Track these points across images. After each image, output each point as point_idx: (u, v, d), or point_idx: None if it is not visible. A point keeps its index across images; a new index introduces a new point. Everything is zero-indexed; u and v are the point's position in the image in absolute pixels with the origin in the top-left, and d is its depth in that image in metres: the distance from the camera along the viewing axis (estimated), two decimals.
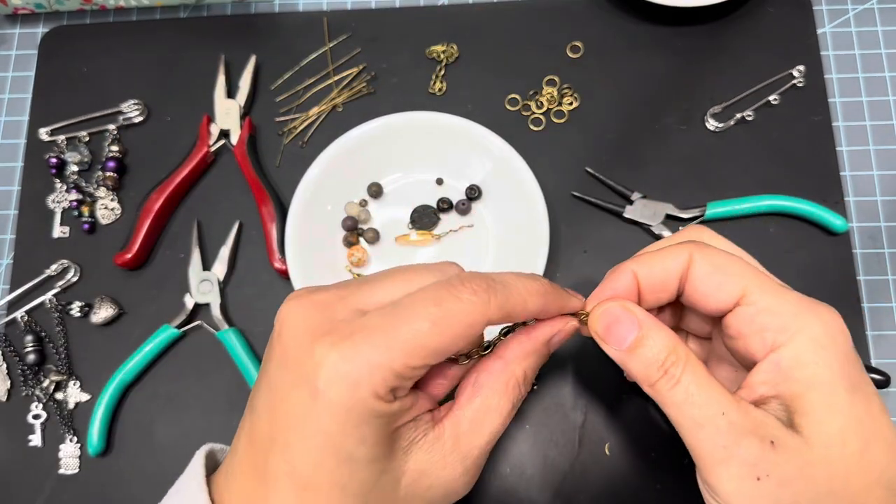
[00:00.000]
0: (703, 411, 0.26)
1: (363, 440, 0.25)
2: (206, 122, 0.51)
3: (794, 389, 0.26)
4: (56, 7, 0.55)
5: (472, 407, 0.28)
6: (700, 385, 0.26)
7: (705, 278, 0.28)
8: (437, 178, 0.50)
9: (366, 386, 0.24)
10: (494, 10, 0.54)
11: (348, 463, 0.25)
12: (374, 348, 0.25)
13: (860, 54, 0.53)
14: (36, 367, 0.48)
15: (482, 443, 0.28)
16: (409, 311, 0.25)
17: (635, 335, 0.28)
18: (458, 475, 0.27)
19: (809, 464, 0.25)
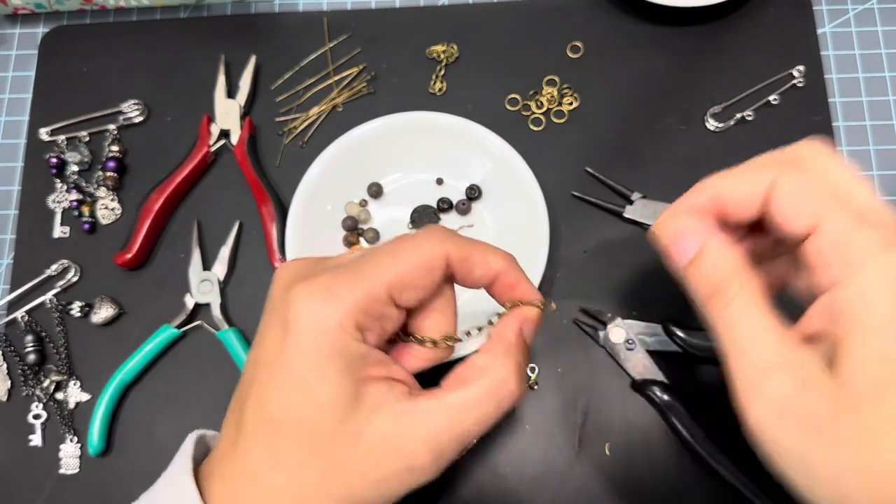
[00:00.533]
0: (746, 340, 0.26)
1: (326, 378, 0.26)
2: (206, 122, 0.51)
3: (841, 331, 0.25)
4: (56, 7, 0.55)
5: (453, 395, 0.27)
6: (750, 313, 0.26)
7: (784, 201, 0.27)
8: (437, 178, 0.50)
9: (331, 317, 0.26)
10: (494, 10, 0.54)
11: (312, 402, 0.26)
12: (340, 283, 0.26)
13: (860, 54, 0.53)
14: (36, 367, 0.48)
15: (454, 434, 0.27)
16: (374, 252, 0.28)
17: (698, 247, 0.28)
18: (423, 454, 0.27)
19: (837, 410, 0.24)
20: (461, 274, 0.29)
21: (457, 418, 0.27)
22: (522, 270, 0.30)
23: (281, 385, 0.26)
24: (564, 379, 0.46)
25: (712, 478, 0.43)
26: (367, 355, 0.27)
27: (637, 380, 0.45)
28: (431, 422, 0.27)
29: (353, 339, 0.26)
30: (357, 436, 0.26)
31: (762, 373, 0.25)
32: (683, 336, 0.44)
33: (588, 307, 0.47)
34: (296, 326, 0.26)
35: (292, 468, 0.26)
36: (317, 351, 0.26)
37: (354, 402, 0.26)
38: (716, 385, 0.45)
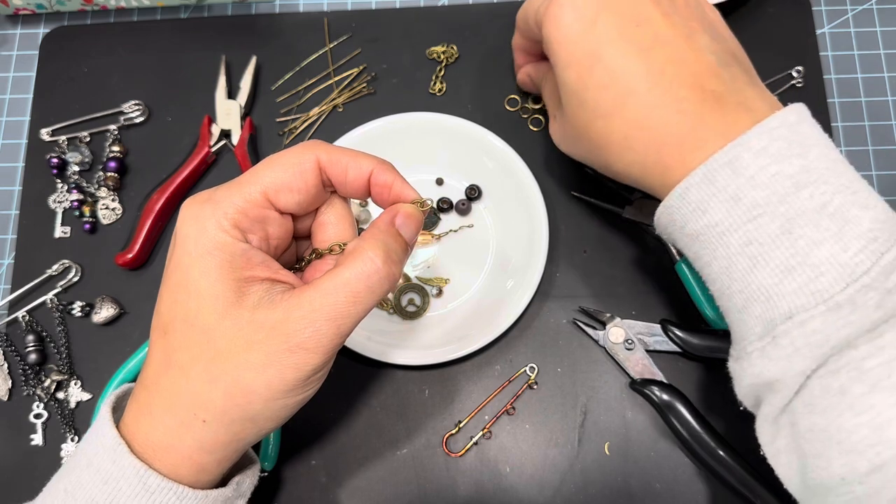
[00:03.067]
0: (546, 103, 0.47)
1: (206, 272, 0.28)
2: (206, 122, 0.51)
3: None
4: (57, 7, 0.55)
5: (327, 281, 0.29)
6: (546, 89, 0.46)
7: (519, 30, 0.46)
8: (437, 178, 0.50)
9: (209, 218, 0.29)
10: (494, 10, 0.54)
11: (195, 296, 0.28)
12: (218, 191, 0.30)
13: (859, 55, 0.53)
14: (37, 367, 0.48)
15: (331, 314, 0.28)
16: (254, 167, 0.31)
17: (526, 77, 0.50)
18: (305, 332, 0.28)
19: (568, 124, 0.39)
20: (336, 178, 0.32)
21: (331, 299, 0.28)
22: (398, 173, 0.33)
23: (170, 288, 0.29)
24: (564, 378, 0.46)
25: (711, 477, 0.43)
26: (248, 254, 0.29)
27: (636, 379, 0.45)
28: (308, 305, 0.28)
29: (232, 237, 0.29)
30: (239, 326, 0.28)
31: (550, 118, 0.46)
32: (682, 336, 0.44)
33: (587, 307, 0.47)
34: (181, 234, 0.29)
35: (182, 364, 0.29)
36: (196, 249, 0.28)
37: (236, 296, 0.28)
38: (715, 385, 0.45)
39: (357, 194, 0.33)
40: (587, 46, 0.35)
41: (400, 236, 0.32)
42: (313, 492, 0.44)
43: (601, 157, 0.37)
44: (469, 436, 0.45)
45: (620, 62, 0.34)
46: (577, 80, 0.36)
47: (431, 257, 0.49)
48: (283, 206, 0.31)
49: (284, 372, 0.28)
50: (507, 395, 0.46)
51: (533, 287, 0.45)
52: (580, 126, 0.37)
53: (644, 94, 0.34)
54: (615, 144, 0.36)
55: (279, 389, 0.29)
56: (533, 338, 0.47)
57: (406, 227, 0.33)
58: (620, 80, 0.34)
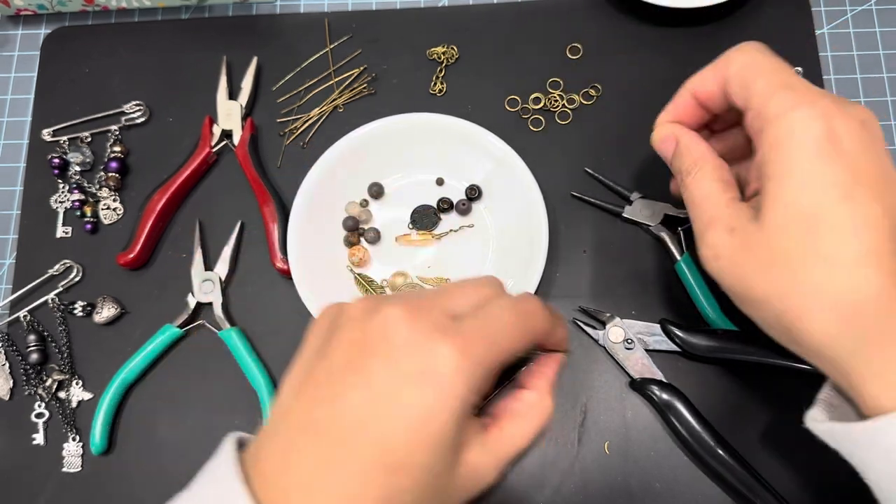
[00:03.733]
0: (700, 202, 0.35)
1: (453, 430, 0.27)
2: (207, 122, 0.51)
3: (761, 182, 0.32)
4: (58, 8, 0.55)
5: (511, 425, 0.31)
6: (706, 182, 0.35)
7: (734, 76, 0.34)
8: (437, 179, 0.50)
9: (474, 384, 0.27)
10: (494, 11, 0.55)
11: (434, 450, 0.27)
12: (480, 348, 0.27)
13: (858, 55, 0.53)
14: (39, 367, 0.48)
15: (513, 455, 0.30)
16: (501, 318, 0.29)
17: (674, 146, 0.38)
18: (493, 476, 0.30)
19: (754, 244, 0.31)
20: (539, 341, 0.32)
21: (516, 446, 0.30)
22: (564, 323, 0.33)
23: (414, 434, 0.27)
24: (564, 378, 0.46)
25: (711, 476, 0.43)
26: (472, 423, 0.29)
27: (636, 379, 0.45)
28: (500, 450, 0.30)
29: (475, 399, 0.28)
30: (457, 472, 0.28)
31: (705, 225, 0.34)
32: (682, 335, 0.44)
33: (587, 307, 0.47)
34: (440, 383, 0.26)
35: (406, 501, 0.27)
36: (452, 408, 0.27)
37: (460, 448, 0.28)
38: (714, 384, 0.46)
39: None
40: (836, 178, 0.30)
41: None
42: None
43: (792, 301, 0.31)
44: None
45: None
46: (811, 210, 0.30)
47: (431, 257, 0.49)
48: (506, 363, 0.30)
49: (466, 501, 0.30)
50: None
51: (533, 287, 0.45)
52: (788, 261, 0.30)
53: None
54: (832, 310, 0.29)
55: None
56: None
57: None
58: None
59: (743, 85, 0.34)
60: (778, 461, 0.44)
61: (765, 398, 0.45)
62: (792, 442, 0.44)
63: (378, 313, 0.28)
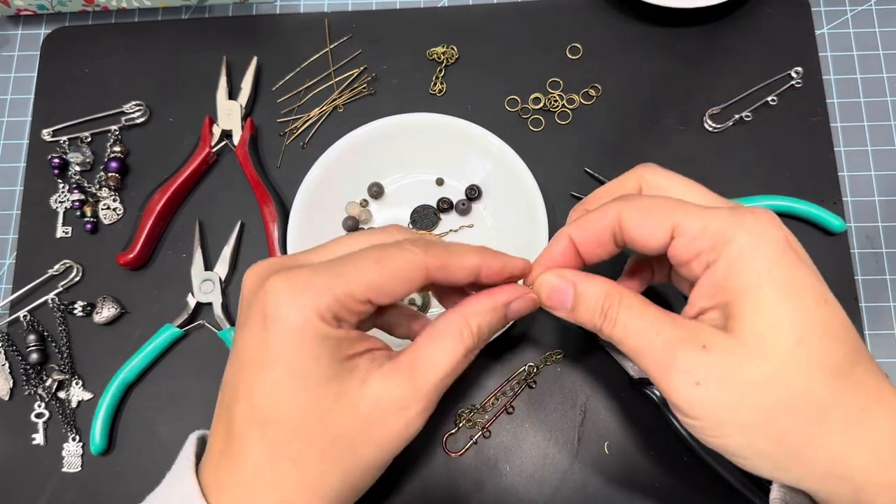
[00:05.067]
0: (640, 338, 0.29)
1: (316, 359, 0.27)
2: (207, 122, 0.51)
3: (727, 298, 0.28)
4: (58, 8, 0.55)
5: (427, 346, 0.30)
6: (633, 316, 0.30)
7: (636, 226, 0.30)
8: (437, 179, 0.50)
9: (310, 307, 0.27)
10: (494, 11, 0.55)
11: (305, 385, 0.27)
12: (319, 277, 0.27)
13: (858, 55, 0.53)
14: (38, 367, 0.48)
15: (434, 379, 0.29)
16: (355, 256, 0.29)
17: (572, 295, 0.32)
18: (415, 401, 0.29)
19: (743, 361, 0.27)
20: (443, 280, 0.31)
21: (436, 370, 0.29)
22: (500, 254, 0.32)
23: (271, 379, 0.27)
24: (563, 378, 0.46)
25: (710, 476, 0.43)
26: (346, 337, 0.29)
27: (636, 378, 0.45)
28: (416, 377, 0.29)
29: (333, 326, 0.28)
30: (354, 407, 0.28)
31: (669, 352, 0.28)
32: None
33: None
34: (277, 319, 0.27)
35: (294, 455, 0.27)
36: (302, 339, 0.27)
37: (346, 374, 0.28)
38: None
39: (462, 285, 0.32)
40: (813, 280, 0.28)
41: (505, 317, 0.32)
42: None
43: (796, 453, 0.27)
44: (468, 435, 0.45)
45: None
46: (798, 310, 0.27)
47: None
48: (380, 303, 0.29)
49: (399, 442, 0.29)
50: (507, 394, 0.46)
51: None
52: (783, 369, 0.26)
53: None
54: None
55: (387, 462, 0.30)
56: (533, 337, 0.47)
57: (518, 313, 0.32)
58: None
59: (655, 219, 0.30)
60: None
61: None
62: None
63: (245, 274, 0.30)
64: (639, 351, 0.29)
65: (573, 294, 0.32)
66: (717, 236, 0.28)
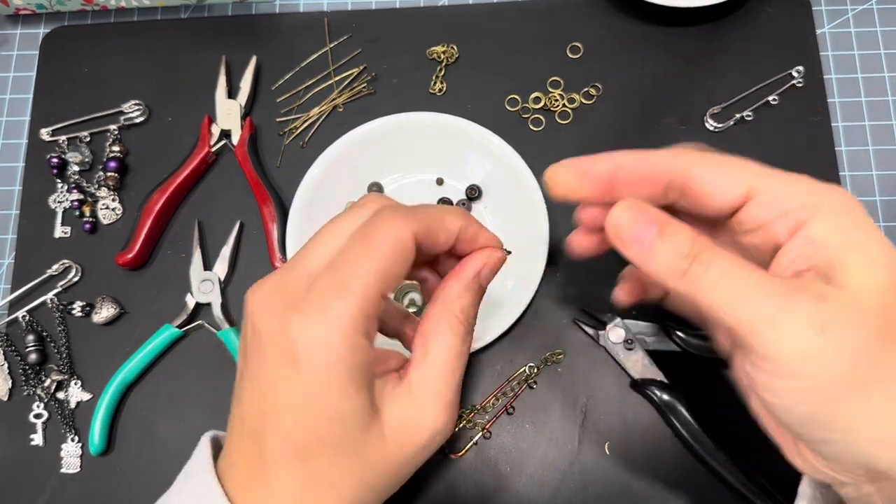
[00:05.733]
0: (746, 283, 0.25)
1: (347, 395, 0.27)
2: (207, 122, 0.51)
3: (831, 255, 0.25)
4: (57, 7, 0.55)
5: (426, 351, 0.30)
6: (734, 262, 0.25)
7: (710, 177, 0.28)
8: (437, 178, 0.50)
9: (338, 339, 0.27)
10: (494, 10, 0.54)
11: (338, 420, 0.27)
12: (334, 302, 0.27)
13: (859, 55, 0.53)
14: (37, 367, 0.48)
15: (445, 380, 0.30)
16: (349, 259, 0.28)
17: (656, 229, 0.27)
18: (437, 414, 0.29)
19: (863, 311, 0.24)
20: (427, 246, 0.30)
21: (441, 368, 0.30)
22: (478, 222, 0.32)
23: (303, 416, 0.27)
24: (564, 378, 0.46)
25: (711, 476, 0.43)
26: (374, 357, 0.29)
27: (636, 379, 0.45)
28: (429, 387, 0.29)
29: (361, 350, 0.28)
30: (382, 433, 0.28)
31: (786, 297, 0.24)
32: (682, 336, 0.44)
33: (588, 307, 0.47)
34: (307, 359, 0.27)
35: (334, 481, 0.28)
36: (334, 375, 0.27)
37: (371, 404, 0.28)
38: (715, 385, 0.45)
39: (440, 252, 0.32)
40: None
41: (480, 288, 0.32)
42: None
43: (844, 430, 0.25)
44: (469, 436, 0.45)
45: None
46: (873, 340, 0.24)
47: None
48: (389, 292, 0.29)
49: (430, 452, 0.30)
50: (507, 394, 0.46)
51: (533, 287, 0.45)
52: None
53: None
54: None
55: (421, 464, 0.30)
56: (533, 337, 0.47)
57: (489, 278, 0.32)
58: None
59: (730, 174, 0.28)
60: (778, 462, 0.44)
61: None
62: None
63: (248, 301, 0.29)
64: (742, 298, 0.25)
65: (657, 228, 0.27)
66: (807, 195, 0.26)
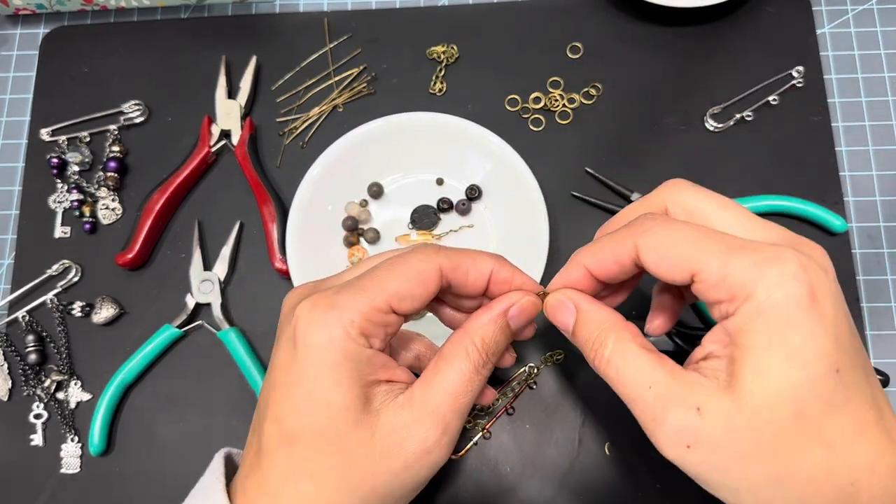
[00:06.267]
0: (631, 388, 0.28)
1: (338, 382, 0.28)
2: (207, 122, 0.51)
3: (735, 353, 0.26)
4: (57, 7, 0.55)
5: (437, 370, 0.30)
6: (627, 361, 0.28)
7: (654, 264, 0.29)
8: (437, 178, 0.50)
9: (336, 325, 0.28)
10: (494, 10, 0.54)
11: (326, 407, 0.28)
12: (343, 297, 0.29)
13: (859, 55, 0.53)
14: (37, 367, 0.48)
15: (448, 401, 0.30)
16: (373, 269, 0.30)
17: (573, 318, 0.31)
18: (430, 430, 0.29)
19: (736, 430, 0.25)
20: (457, 282, 0.31)
21: (448, 391, 0.30)
22: (515, 267, 0.32)
23: (294, 398, 0.28)
24: (564, 378, 0.46)
25: None
26: (373, 359, 0.29)
27: None
28: (430, 401, 0.29)
29: (358, 345, 0.28)
30: (370, 434, 0.28)
31: (660, 409, 0.27)
32: (682, 336, 0.44)
33: None
34: (304, 340, 0.28)
35: (314, 474, 0.28)
36: (326, 359, 0.28)
37: (364, 403, 0.29)
38: None
39: (475, 292, 0.32)
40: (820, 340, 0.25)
41: (508, 327, 0.32)
42: None
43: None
44: (469, 436, 0.45)
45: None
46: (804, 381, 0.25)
47: None
48: (404, 311, 0.30)
49: (420, 472, 0.29)
50: (508, 395, 0.46)
51: None
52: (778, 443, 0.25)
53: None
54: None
55: (414, 488, 0.30)
56: (533, 338, 0.47)
57: (518, 319, 0.32)
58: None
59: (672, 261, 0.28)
60: None
61: None
62: None
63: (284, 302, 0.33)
64: (629, 399, 0.28)
65: (574, 318, 0.31)
66: (735, 288, 0.26)
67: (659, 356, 0.28)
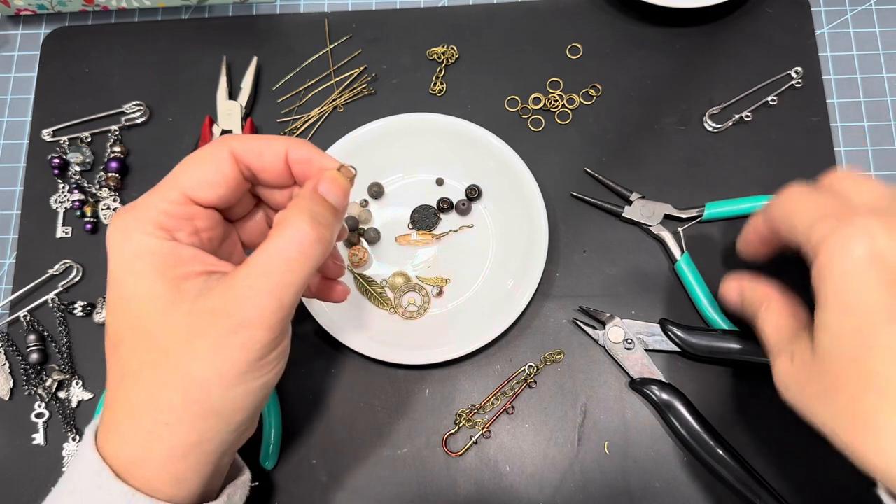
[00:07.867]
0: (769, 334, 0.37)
1: (140, 275, 0.28)
2: (207, 122, 0.51)
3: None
4: (58, 8, 0.55)
5: (260, 255, 0.29)
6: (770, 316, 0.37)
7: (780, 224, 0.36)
8: (437, 179, 0.50)
9: (132, 225, 0.29)
10: (494, 11, 0.55)
11: (135, 301, 0.28)
12: (141, 198, 0.30)
13: (858, 55, 0.53)
14: (39, 367, 0.48)
15: (270, 285, 0.28)
16: (174, 169, 0.31)
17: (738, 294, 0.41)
18: (250, 309, 0.28)
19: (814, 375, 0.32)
20: (254, 165, 0.31)
21: (266, 271, 0.28)
22: (315, 147, 0.32)
23: (110, 302, 0.29)
24: (564, 378, 0.46)
25: (710, 476, 0.43)
26: (176, 251, 0.29)
27: (636, 379, 0.45)
28: (244, 281, 0.28)
29: (157, 238, 0.29)
30: (179, 320, 0.28)
31: (773, 356, 0.36)
32: (681, 335, 0.44)
33: (587, 307, 0.47)
34: (109, 245, 0.30)
35: (134, 372, 0.29)
36: (126, 255, 0.29)
37: (174, 294, 0.28)
38: (714, 384, 0.46)
39: (280, 178, 0.32)
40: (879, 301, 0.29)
41: (325, 201, 0.30)
42: (313, 491, 0.45)
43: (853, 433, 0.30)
44: (469, 435, 0.45)
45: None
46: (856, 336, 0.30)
47: (431, 257, 0.49)
48: (206, 201, 0.31)
49: (233, 354, 0.28)
50: (507, 394, 0.46)
51: (533, 287, 0.45)
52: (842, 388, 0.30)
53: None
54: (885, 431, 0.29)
55: (232, 374, 0.28)
56: (533, 337, 0.47)
57: (331, 193, 0.31)
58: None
59: (788, 225, 0.34)
60: (778, 461, 0.44)
61: (765, 398, 0.45)
62: (792, 442, 0.44)
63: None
64: (764, 340, 0.37)
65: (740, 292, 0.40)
66: (815, 247, 0.31)
67: (797, 319, 0.36)
